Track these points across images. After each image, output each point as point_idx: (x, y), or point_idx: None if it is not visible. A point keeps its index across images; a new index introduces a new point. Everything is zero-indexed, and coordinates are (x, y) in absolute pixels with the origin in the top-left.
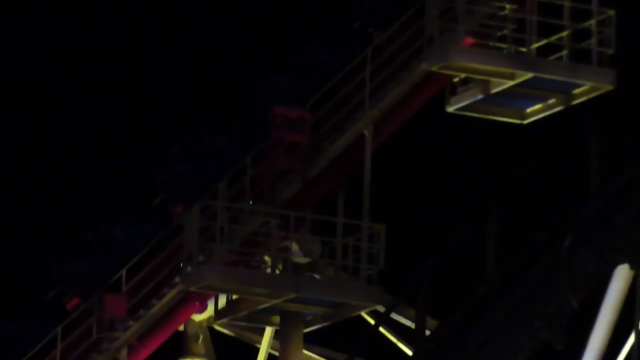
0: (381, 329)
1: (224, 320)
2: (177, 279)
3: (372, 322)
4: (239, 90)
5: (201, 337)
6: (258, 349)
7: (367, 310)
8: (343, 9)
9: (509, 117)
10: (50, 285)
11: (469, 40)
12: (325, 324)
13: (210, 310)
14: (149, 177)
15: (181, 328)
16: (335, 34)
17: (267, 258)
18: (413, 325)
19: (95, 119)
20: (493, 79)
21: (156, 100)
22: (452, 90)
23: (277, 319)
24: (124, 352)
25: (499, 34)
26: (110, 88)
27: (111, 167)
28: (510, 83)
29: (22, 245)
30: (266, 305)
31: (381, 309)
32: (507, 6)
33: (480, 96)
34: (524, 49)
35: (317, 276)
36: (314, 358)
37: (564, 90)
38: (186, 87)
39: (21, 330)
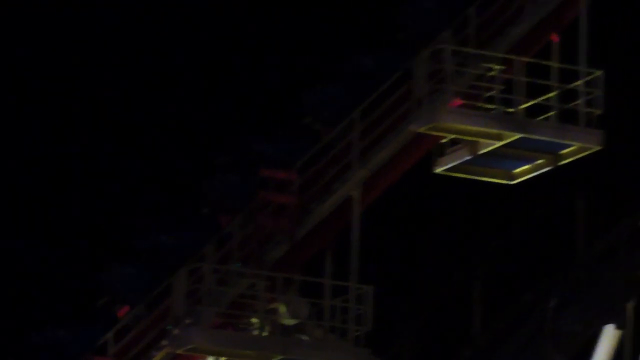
0: None
1: None
2: (164, 342)
3: None
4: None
5: None
6: None
7: None
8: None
9: (496, 177)
10: (100, 293)
11: (457, 101)
12: None
13: None
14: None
15: None
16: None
17: (254, 320)
18: None
19: None
20: (481, 140)
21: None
22: (440, 151)
23: None
24: None
25: (487, 94)
26: None
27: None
28: (498, 144)
29: (72, 254)
30: None
31: None
32: (495, 67)
33: (468, 157)
34: (512, 110)
35: (305, 337)
36: None
37: (551, 151)
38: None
39: (72, 338)
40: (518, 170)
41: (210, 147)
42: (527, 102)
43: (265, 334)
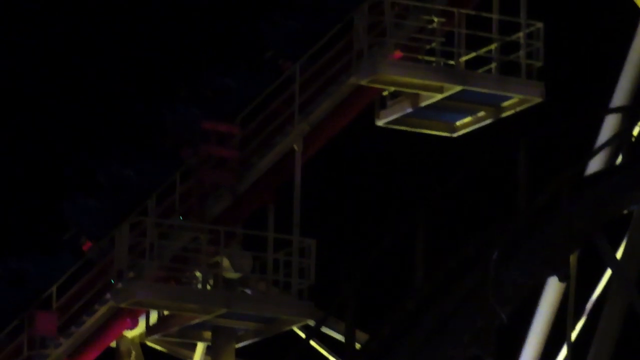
0: (312, 342)
1: (156, 336)
2: (107, 296)
3: (303, 336)
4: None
5: (133, 353)
6: None
7: (299, 325)
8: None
9: (438, 130)
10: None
11: (398, 53)
12: (257, 339)
13: (141, 327)
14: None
15: (113, 344)
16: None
17: (197, 274)
18: (343, 339)
19: None
20: (422, 93)
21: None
22: (382, 103)
23: (208, 334)
24: None
25: (428, 47)
26: None
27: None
28: (440, 96)
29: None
30: (197, 321)
31: (312, 323)
32: (436, 19)
33: (409, 109)
34: (452, 62)
35: (248, 291)
36: None
37: (493, 103)
38: (100, 115)
39: (38, 268)
40: (460, 122)
41: (171, 80)
42: (467, 54)
43: (208, 287)
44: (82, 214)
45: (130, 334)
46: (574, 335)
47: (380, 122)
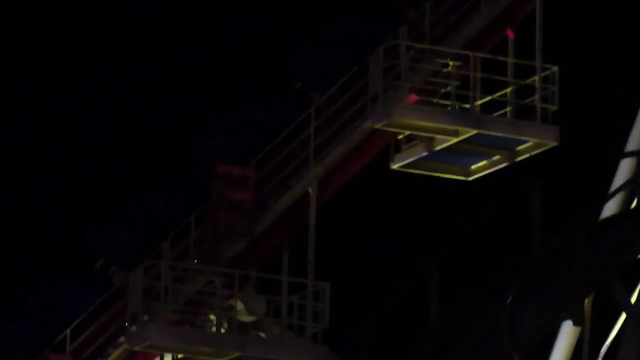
0: None
1: None
2: (122, 339)
3: None
4: (176, 150)
5: None
6: None
7: None
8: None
9: (453, 174)
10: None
11: (413, 97)
12: None
13: None
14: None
15: None
16: (275, 93)
17: (212, 317)
18: None
19: None
20: (437, 136)
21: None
22: (397, 147)
23: None
24: None
25: (443, 90)
26: None
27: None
28: (455, 140)
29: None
30: None
31: None
32: (451, 63)
33: (424, 153)
34: (467, 106)
35: (262, 335)
36: None
37: (508, 147)
38: (123, 148)
39: (69, 297)
40: (475, 166)
41: (202, 112)
42: (483, 98)
43: (222, 331)
44: (112, 244)
45: None
46: None
47: (395, 166)
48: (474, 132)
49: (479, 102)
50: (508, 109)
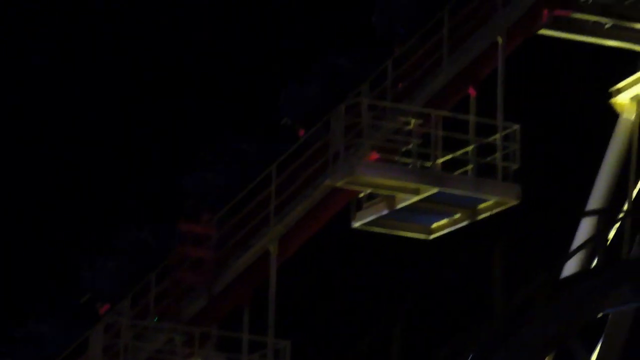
0: None
1: None
2: None
3: None
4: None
5: None
6: None
7: None
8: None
9: (414, 232)
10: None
11: (374, 155)
12: None
13: None
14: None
15: None
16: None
17: None
18: None
19: None
20: (398, 194)
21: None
22: (358, 205)
23: None
24: None
25: (404, 148)
26: None
27: None
28: (416, 198)
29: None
30: None
31: None
32: (412, 121)
33: (385, 211)
34: (429, 164)
35: None
36: None
37: (469, 205)
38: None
39: (55, 332)
40: (436, 224)
41: (194, 145)
42: (444, 156)
43: None
44: (100, 277)
45: None
46: None
47: (356, 224)
48: (435, 190)
49: (440, 160)
50: (469, 167)
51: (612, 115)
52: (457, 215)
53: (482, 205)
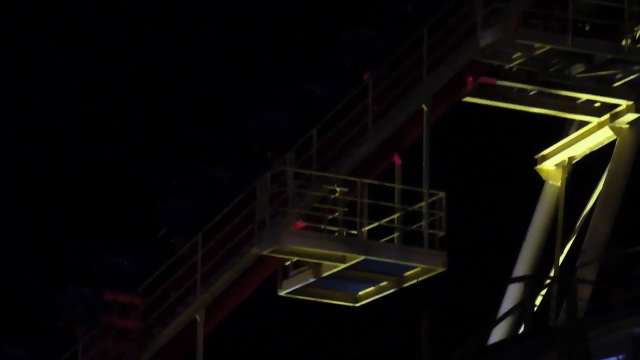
0: None
1: None
2: None
3: None
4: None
5: None
6: None
7: None
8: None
9: (341, 300)
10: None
11: (300, 223)
12: None
13: None
14: None
15: None
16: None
17: None
18: None
19: None
20: (325, 262)
21: None
22: (284, 273)
23: None
24: None
25: (330, 216)
26: None
27: None
28: (342, 266)
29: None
30: None
31: None
32: (338, 189)
33: (312, 279)
34: (355, 232)
35: None
36: None
37: (396, 273)
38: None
39: (30, 356)
40: (362, 292)
41: (163, 172)
42: (370, 224)
43: None
44: (76, 301)
45: None
46: None
47: (282, 292)
48: (361, 258)
49: (367, 228)
50: (395, 234)
51: (538, 182)
52: (384, 283)
53: (408, 273)
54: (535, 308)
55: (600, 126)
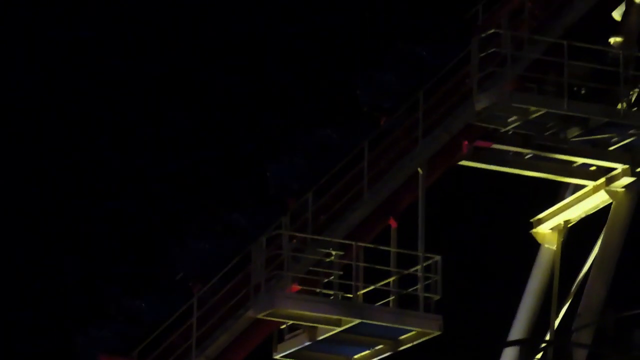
0: None
1: None
2: None
3: None
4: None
5: None
6: None
7: None
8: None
9: None
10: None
11: (296, 287)
12: None
13: None
14: None
15: None
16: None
17: None
18: None
19: None
20: (320, 325)
21: None
22: (280, 336)
23: None
24: None
25: (326, 280)
26: None
27: None
28: (337, 329)
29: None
30: None
31: None
32: (333, 252)
33: (307, 343)
34: (350, 296)
35: None
36: None
37: (391, 336)
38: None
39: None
40: (358, 356)
41: (181, 217)
42: (366, 287)
43: None
44: (95, 344)
45: None
46: None
47: (277, 356)
48: (357, 321)
49: (362, 291)
50: (391, 298)
51: (534, 245)
52: (380, 346)
53: (404, 336)
54: None
55: (596, 190)
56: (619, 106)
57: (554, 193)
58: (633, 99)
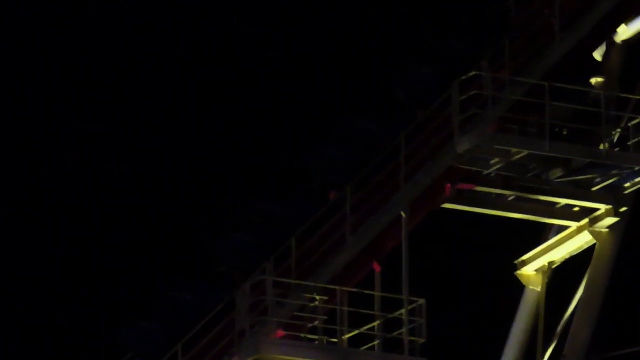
0: None
1: None
2: None
3: None
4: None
5: None
6: None
7: None
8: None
9: None
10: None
11: (280, 332)
12: None
13: None
14: None
15: None
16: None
17: None
18: None
19: None
20: None
21: None
22: None
23: None
24: None
25: (311, 325)
26: None
27: None
28: None
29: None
30: None
31: None
32: (318, 297)
33: None
34: (335, 340)
35: None
36: None
37: None
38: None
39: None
40: None
41: (223, 210)
42: (350, 331)
43: None
44: (141, 339)
45: None
46: None
47: None
48: None
49: (347, 336)
50: (376, 342)
51: (518, 287)
52: None
53: None
54: None
55: (579, 230)
56: (602, 147)
57: (538, 234)
58: (615, 139)
